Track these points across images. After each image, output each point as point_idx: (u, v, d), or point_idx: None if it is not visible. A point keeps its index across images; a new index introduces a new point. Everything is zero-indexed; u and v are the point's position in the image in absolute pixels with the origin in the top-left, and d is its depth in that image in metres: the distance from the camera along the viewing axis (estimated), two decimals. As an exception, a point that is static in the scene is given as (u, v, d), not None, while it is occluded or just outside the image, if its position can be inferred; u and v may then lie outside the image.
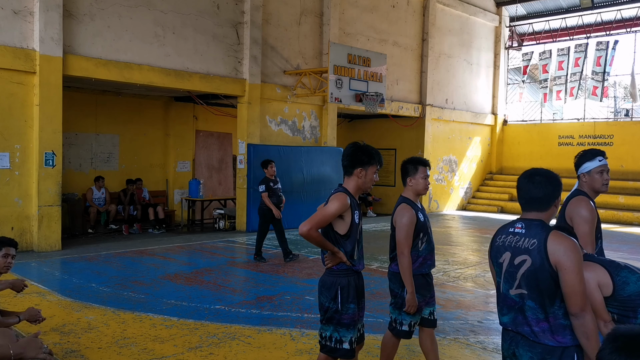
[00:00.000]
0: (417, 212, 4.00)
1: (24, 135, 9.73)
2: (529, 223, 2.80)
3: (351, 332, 3.54)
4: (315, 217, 3.42)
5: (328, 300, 3.54)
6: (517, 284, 2.75)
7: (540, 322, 2.67)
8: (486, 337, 5.58)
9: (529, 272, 2.69)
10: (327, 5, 14.56)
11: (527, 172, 2.93)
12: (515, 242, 2.79)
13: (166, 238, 12.01)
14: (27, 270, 8.27)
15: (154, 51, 11.28)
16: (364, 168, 3.53)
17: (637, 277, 3.20)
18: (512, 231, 2.84)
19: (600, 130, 18.69)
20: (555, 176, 2.87)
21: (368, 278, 8.15)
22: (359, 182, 3.55)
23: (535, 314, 2.69)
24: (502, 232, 2.94)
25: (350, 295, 3.52)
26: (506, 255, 2.81)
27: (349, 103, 13.10)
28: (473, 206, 19.73)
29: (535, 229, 2.75)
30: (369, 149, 3.58)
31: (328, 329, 3.58)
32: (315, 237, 3.41)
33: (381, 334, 5.56)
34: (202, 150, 15.37)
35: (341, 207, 3.43)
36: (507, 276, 2.80)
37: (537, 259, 2.66)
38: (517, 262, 2.75)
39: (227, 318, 6.02)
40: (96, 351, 4.92)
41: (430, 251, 4.10)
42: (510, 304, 2.79)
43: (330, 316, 3.54)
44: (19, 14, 9.55)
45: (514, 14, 20.95)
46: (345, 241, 3.50)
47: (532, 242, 2.71)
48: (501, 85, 21.09)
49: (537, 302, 2.68)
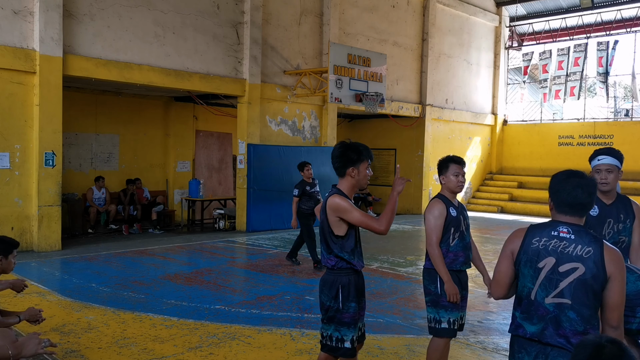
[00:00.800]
0: (448, 207, 4.00)
1: (24, 135, 9.73)
2: (577, 229, 2.62)
3: (352, 331, 3.54)
4: (366, 220, 3.43)
5: (329, 299, 3.54)
6: (557, 292, 2.57)
7: (577, 335, 2.53)
8: (486, 337, 5.58)
9: (579, 282, 2.53)
10: (327, 5, 14.56)
11: (566, 172, 2.71)
12: (563, 248, 2.59)
13: (166, 238, 12.01)
14: (27, 270, 8.27)
15: (154, 51, 11.29)
16: (355, 167, 3.53)
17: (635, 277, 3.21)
18: (557, 235, 2.63)
19: (600, 130, 18.69)
20: (593, 183, 2.69)
21: (368, 278, 8.14)
22: (353, 181, 3.55)
23: (574, 326, 2.54)
24: (540, 234, 2.67)
25: (351, 294, 3.52)
26: (549, 260, 2.60)
27: (349, 103, 13.10)
28: (473, 206, 19.73)
29: (586, 237, 2.58)
30: (357, 146, 3.57)
31: (329, 328, 3.58)
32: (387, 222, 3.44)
33: (381, 334, 5.57)
34: (202, 150, 15.37)
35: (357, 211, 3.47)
36: (546, 283, 2.60)
37: (593, 268, 2.52)
38: (563, 270, 2.57)
39: (227, 318, 6.03)
40: (96, 351, 4.93)
41: (463, 248, 4.02)
42: (543, 313, 2.60)
43: (332, 315, 3.55)
44: (19, 14, 9.55)
45: (514, 14, 20.95)
46: (344, 241, 3.50)
47: (587, 250, 2.54)
48: (501, 85, 21.09)
49: (581, 315, 2.53)
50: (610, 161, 3.81)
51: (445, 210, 3.96)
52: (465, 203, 19.91)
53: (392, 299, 7.04)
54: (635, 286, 3.15)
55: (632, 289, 3.14)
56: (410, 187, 18.34)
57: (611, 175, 3.82)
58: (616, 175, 3.83)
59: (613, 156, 3.83)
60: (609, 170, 3.81)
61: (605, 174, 3.82)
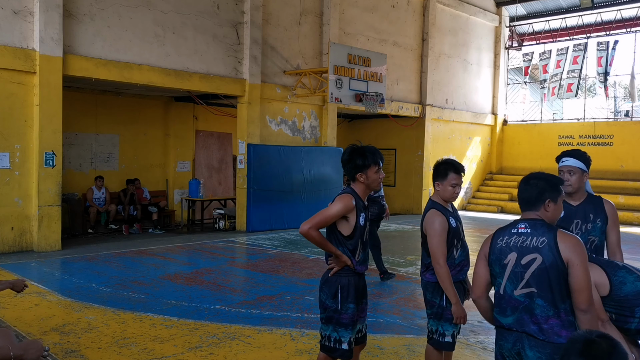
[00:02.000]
0: (448, 217, 3.72)
1: (24, 135, 9.73)
2: (532, 222, 2.85)
3: (350, 332, 3.54)
4: (316, 217, 3.45)
5: (327, 298, 3.54)
6: (524, 283, 2.77)
7: (549, 319, 2.72)
8: (486, 337, 5.58)
9: (540, 270, 2.73)
10: (327, 5, 14.56)
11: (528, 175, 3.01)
12: (522, 242, 2.82)
13: (166, 238, 12.01)
14: (27, 270, 8.28)
15: (154, 51, 11.29)
16: (362, 172, 3.52)
17: (634, 277, 3.21)
18: (516, 232, 2.87)
19: (600, 130, 18.69)
20: (549, 178, 2.91)
21: (368, 278, 8.14)
22: (363, 185, 3.56)
23: (544, 311, 2.73)
24: (502, 234, 2.95)
25: (350, 295, 3.52)
26: (512, 256, 2.83)
27: (349, 103, 13.10)
28: (473, 206, 19.73)
29: (541, 228, 2.81)
30: (363, 151, 3.54)
31: (327, 328, 3.58)
32: (314, 237, 3.42)
33: (381, 334, 5.57)
34: (202, 150, 15.37)
35: (343, 208, 3.44)
36: (512, 277, 2.82)
37: (549, 256, 2.72)
38: (525, 262, 2.78)
39: (227, 318, 6.02)
40: (96, 351, 4.92)
41: (466, 256, 3.88)
42: (515, 304, 2.81)
43: (330, 315, 3.55)
44: (19, 14, 9.55)
45: (513, 14, 20.95)
46: (349, 242, 3.50)
47: (542, 241, 2.76)
48: (501, 85, 21.09)
49: (547, 300, 2.72)
50: (573, 163, 3.82)
51: (446, 223, 3.68)
52: (465, 203, 19.93)
53: (392, 299, 7.04)
54: (635, 286, 3.16)
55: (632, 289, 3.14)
56: (410, 187, 18.36)
57: (573, 177, 3.83)
58: (579, 177, 3.83)
59: (577, 158, 3.83)
60: (571, 171, 3.82)
61: (567, 175, 3.85)
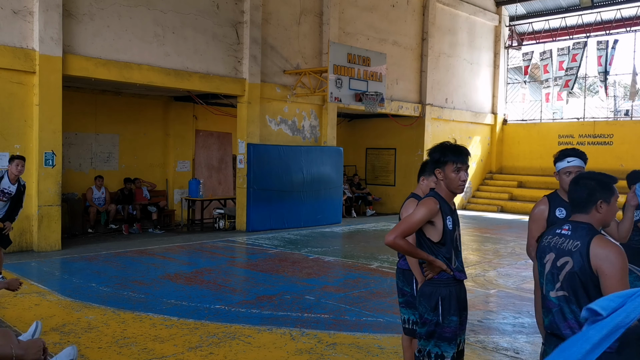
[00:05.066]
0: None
1: (24, 135, 9.73)
2: (575, 225, 2.77)
3: (453, 346, 3.26)
4: (401, 225, 3.18)
5: (427, 311, 3.27)
6: (558, 286, 2.73)
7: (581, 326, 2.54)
8: (486, 337, 5.58)
9: (570, 274, 2.67)
10: (326, 5, 14.55)
11: (578, 176, 2.89)
12: (561, 244, 2.77)
13: (166, 238, 12.01)
14: (27, 270, 8.28)
15: (154, 51, 11.28)
16: (440, 168, 3.26)
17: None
18: (559, 232, 2.82)
19: (600, 130, 18.70)
20: (600, 178, 2.78)
21: (368, 277, 8.18)
22: (442, 184, 3.28)
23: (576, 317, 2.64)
24: (549, 232, 2.91)
25: (452, 306, 3.25)
26: (550, 256, 2.80)
27: (349, 102, 13.10)
28: (473, 205, 19.73)
29: (581, 232, 2.72)
30: (443, 146, 3.30)
31: (428, 343, 3.27)
32: (402, 246, 3.15)
33: (381, 334, 5.57)
34: (202, 150, 15.37)
35: (428, 212, 3.18)
36: (550, 277, 2.78)
37: (578, 261, 2.64)
38: (559, 264, 2.73)
39: (227, 318, 6.02)
40: (96, 351, 4.92)
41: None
42: (549, 306, 2.77)
43: (431, 330, 3.26)
44: (19, 13, 9.55)
45: (513, 13, 20.95)
46: (441, 248, 3.24)
47: (576, 245, 2.68)
48: (501, 84, 21.09)
49: (578, 305, 2.63)
50: (579, 163, 3.70)
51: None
52: (465, 203, 19.93)
53: (392, 299, 7.03)
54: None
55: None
56: (410, 187, 18.30)
57: None
58: None
59: (581, 158, 3.72)
60: (570, 172, 3.68)
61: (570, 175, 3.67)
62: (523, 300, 7.03)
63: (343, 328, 5.69)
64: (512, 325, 6.03)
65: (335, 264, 9.52)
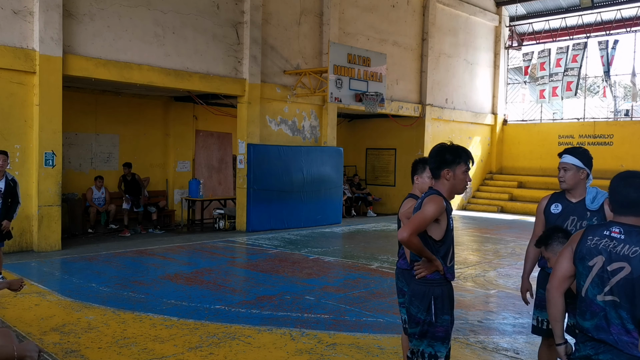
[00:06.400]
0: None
1: (24, 135, 9.73)
2: (628, 229, 2.64)
3: (446, 345, 3.30)
4: (414, 223, 3.16)
5: (420, 311, 3.28)
6: (607, 290, 2.63)
7: (630, 333, 2.56)
8: (486, 337, 5.58)
9: (625, 281, 2.57)
10: (327, 5, 14.56)
11: (624, 173, 2.76)
12: (613, 247, 2.64)
13: (166, 238, 12.01)
14: (27, 270, 8.28)
15: (154, 51, 11.28)
16: (450, 168, 3.27)
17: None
18: (608, 234, 2.68)
19: (600, 130, 18.70)
20: None
21: (368, 278, 8.17)
22: (448, 184, 3.29)
23: (624, 323, 2.58)
24: (593, 232, 2.75)
25: (445, 305, 3.29)
26: (598, 259, 2.67)
27: (349, 103, 13.10)
28: (473, 206, 19.73)
29: (637, 237, 2.60)
30: (455, 148, 3.33)
31: (421, 343, 3.30)
32: (416, 244, 3.16)
33: (381, 333, 5.57)
34: (202, 150, 15.36)
35: (438, 210, 3.19)
36: (597, 281, 2.67)
37: (639, 269, 2.54)
38: (612, 269, 2.62)
39: (227, 318, 6.02)
40: (96, 351, 4.92)
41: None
42: (595, 310, 2.67)
43: (424, 330, 3.28)
44: (19, 13, 9.55)
45: (513, 13, 20.95)
46: (441, 247, 3.28)
47: (634, 250, 2.57)
48: (501, 85, 21.09)
49: (630, 312, 2.56)
50: (569, 160, 3.84)
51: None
52: (465, 203, 19.93)
53: (392, 299, 7.03)
54: None
55: None
56: (410, 187, 18.21)
57: (568, 174, 3.86)
58: (574, 173, 3.84)
59: (575, 155, 3.85)
60: (565, 168, 3.86)
61: (562, 172, 3.89)
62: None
63: (343, 328, 5.69)
64: (512, 325, 6.03)
65: (335, 264, 9.52)
